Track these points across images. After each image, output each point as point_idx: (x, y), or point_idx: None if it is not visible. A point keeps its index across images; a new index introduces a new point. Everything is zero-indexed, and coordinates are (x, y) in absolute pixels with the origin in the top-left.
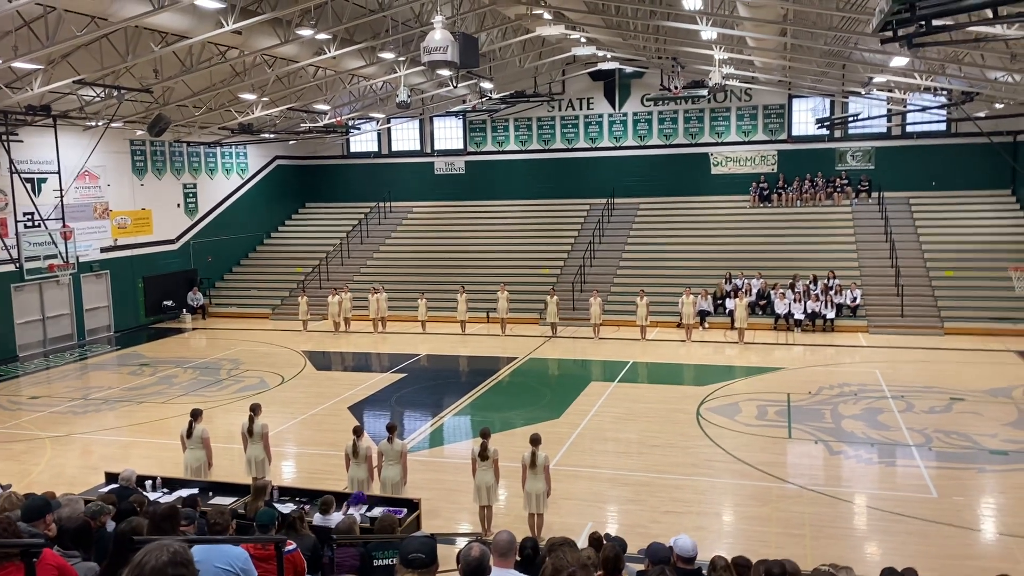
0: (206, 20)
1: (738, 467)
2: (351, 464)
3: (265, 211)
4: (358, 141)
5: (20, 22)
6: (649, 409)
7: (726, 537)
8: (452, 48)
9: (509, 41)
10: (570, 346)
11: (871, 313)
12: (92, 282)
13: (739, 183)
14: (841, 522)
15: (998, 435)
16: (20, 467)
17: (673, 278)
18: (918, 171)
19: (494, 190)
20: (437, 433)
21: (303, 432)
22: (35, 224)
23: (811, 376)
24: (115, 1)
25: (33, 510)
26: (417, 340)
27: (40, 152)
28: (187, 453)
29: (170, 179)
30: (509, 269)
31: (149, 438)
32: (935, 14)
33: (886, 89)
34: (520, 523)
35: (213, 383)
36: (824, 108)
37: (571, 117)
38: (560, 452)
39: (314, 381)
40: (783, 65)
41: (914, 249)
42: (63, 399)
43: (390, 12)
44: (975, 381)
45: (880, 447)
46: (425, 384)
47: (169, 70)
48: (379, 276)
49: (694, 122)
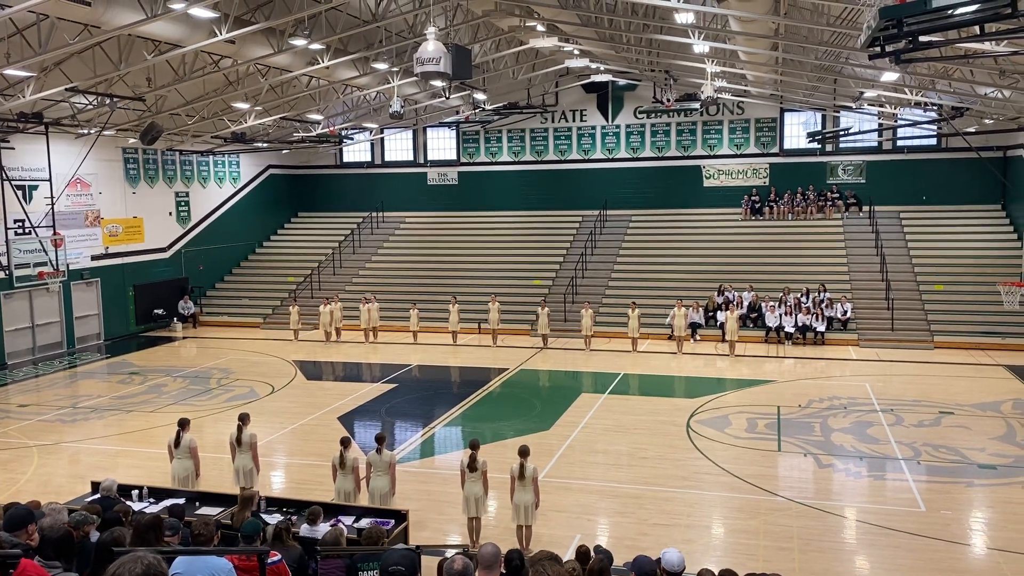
0: (199, 29)
1: (727, 480)
2: (338, 475)
3: (257, 220)
4: (351, 151)
5: (13, 29)
6: (639, 421)
7: (714, 550)
8: (445, 59)
9: (502, 53)
10: (561, 357)
11: (861, 326)
12: (82, 290)
13: (731, 196)
14: (830, 535)
15: (987, 449)
16: (7, 476)
17: (665, 290)
18: (909, 185)
19: (487, 201)
20: (427, 444)
21: (293, 442)
22: (25, 231)
23: (801, 389)
24: (108, 9)
25: (15, 520)
26: (408, 350)
27: (31, 159)
28: (175, 463)
29: (162, 187)
30: (501, 280)
31: (138, 447)
32: (922, 30)
33: (877, 104)
34: (509, 535)
35: (203, 392)
36: (816, 122)
37: (564, 129)
38: (550, 464)
39: (305, 391)
40: (775, 79)
41: (904, 263)
42: (51, 407)
43: (383, 23)
44: (964, 395)
45: (869, 460)
46: (416, 395)
47: (162, 79)
48: (371, 286)
49: (686, 135)
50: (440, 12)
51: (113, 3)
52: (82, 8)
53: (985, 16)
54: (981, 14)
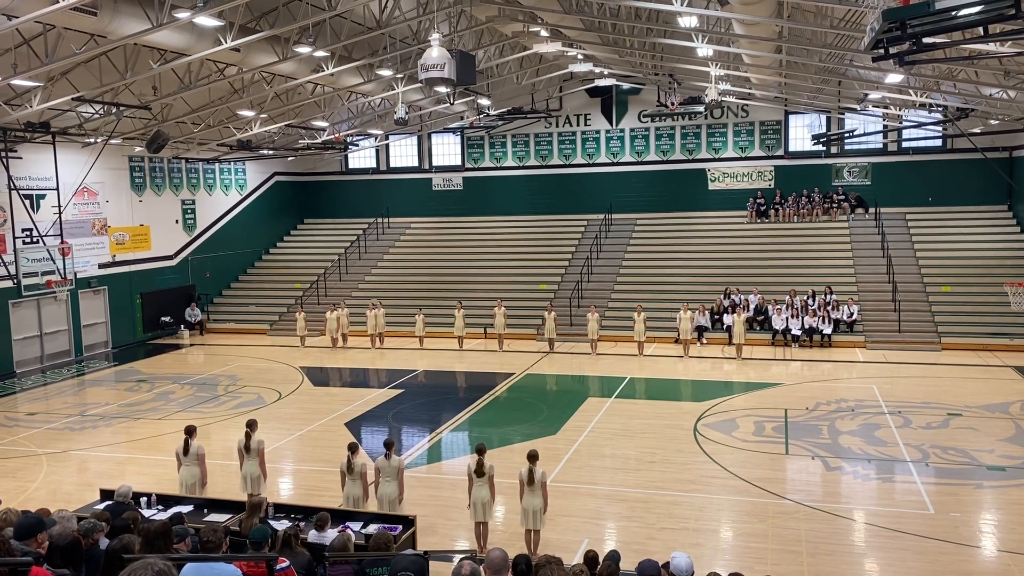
0: (205, 38)
1: (735, 483)
2: (346, 481)
3: (263, 227)
4: (356, 157)
5: (20, 40)
6: (646, 425)
7: (723, 554)
8: (449, 65)
9: (506, 58)
10: (567, 362)
11: (868, 328)
12: (90, 298)
13: (736, 199)
14: (838, 539)
15: (995, 451)
16: (16, 484)
17: (670, 294)
18: (914, 187)
19: (492, 206)
20: (435, 449)
21: (300, 448)
22: (33, 240)
23: (808, 392)
24: (114, 19)
25: (26, 528)
26: (415, 356)
27: (39, 169)
28: (183, 470)
29: (169, 195)
30: (506, 285)
31: (145, 455)
32: (926, 32)
33: (881, 105)
34: (517, 540)
35: (210, 399)
36: (820, 124)
37: (568, 133)
38: (557, 468)
39: (311, 397)
40: (779, 82)
41: (911, 265)
42: (60, 415)
43: (388, 30)
44: (972, 397)
45: (877, 463)
46: (422, 400)
47: (168, 87)
48: (377, 292)
49: (691, 138)
50: (444, 18)
51: (119, 13)
52: (88, 18)
53: (989, 17)
54: (985, 15)
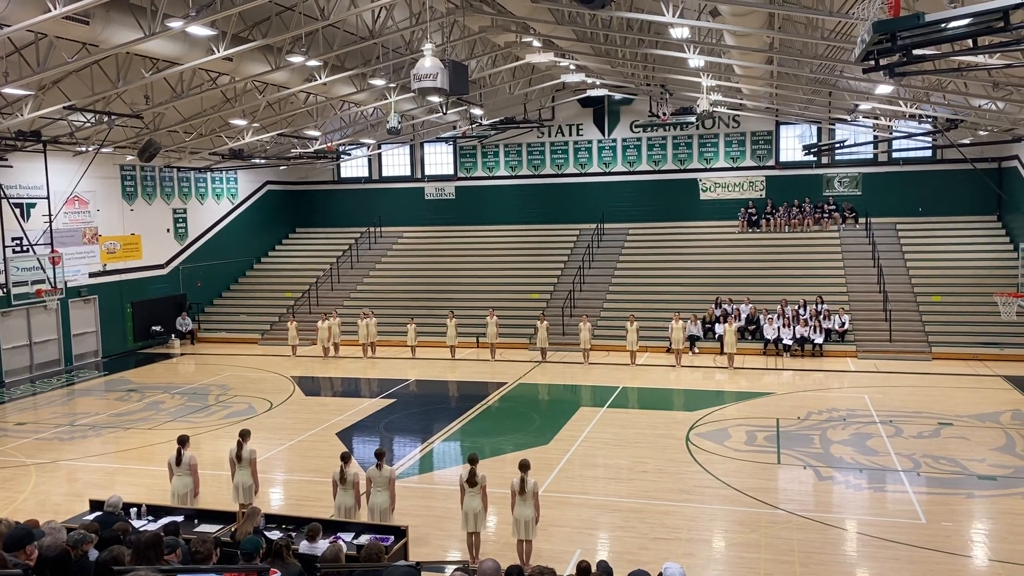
0: (197, 47)
1: (728, 493)
2: (338, 491)
3: (255, 236)
4: (349, 166)
5: (11, 48)
6: (639, 434)
7: (715, 564)
8: (442, 75)
9: (499, 68)
10: (560, 371)
11: (859, 338)
12: (80, 307)
13: (728, 209)
14: (830, 548)
15: (986, 460)
16: (5, 494)
17: (662, 303)
18: (905, 197)
19: (484, 215)
20: (426, 459)
21: (291, 458)
22: (23, 249)
23: (800, 401)
24: (106, 28)
25: (14, 540)
26: (406, 365)
27: (30, 177)
28: (175, 480)
29: (160, 204)
30: (499, 294)
31: (136, 465)
32: (916, 44)
33: (872, 116)
34: (509, 550)
35: (201, 409)
36: (811, 135)
37: (561, 143)
38: (549, 478)
39: (303, 407)
40: (770, 92)
41: (901, 274)
42: (49, 425)
43: (380, 39)
44: (963, 406)
45: (869, 472)
46: (414, 410)
47: (160, 96)
48: (369, 301)
49: (683, 148)
50: (437, 28)
51: (111, 22)
52: (80, 27)
53: (978, 30)
54: (974, 28)
